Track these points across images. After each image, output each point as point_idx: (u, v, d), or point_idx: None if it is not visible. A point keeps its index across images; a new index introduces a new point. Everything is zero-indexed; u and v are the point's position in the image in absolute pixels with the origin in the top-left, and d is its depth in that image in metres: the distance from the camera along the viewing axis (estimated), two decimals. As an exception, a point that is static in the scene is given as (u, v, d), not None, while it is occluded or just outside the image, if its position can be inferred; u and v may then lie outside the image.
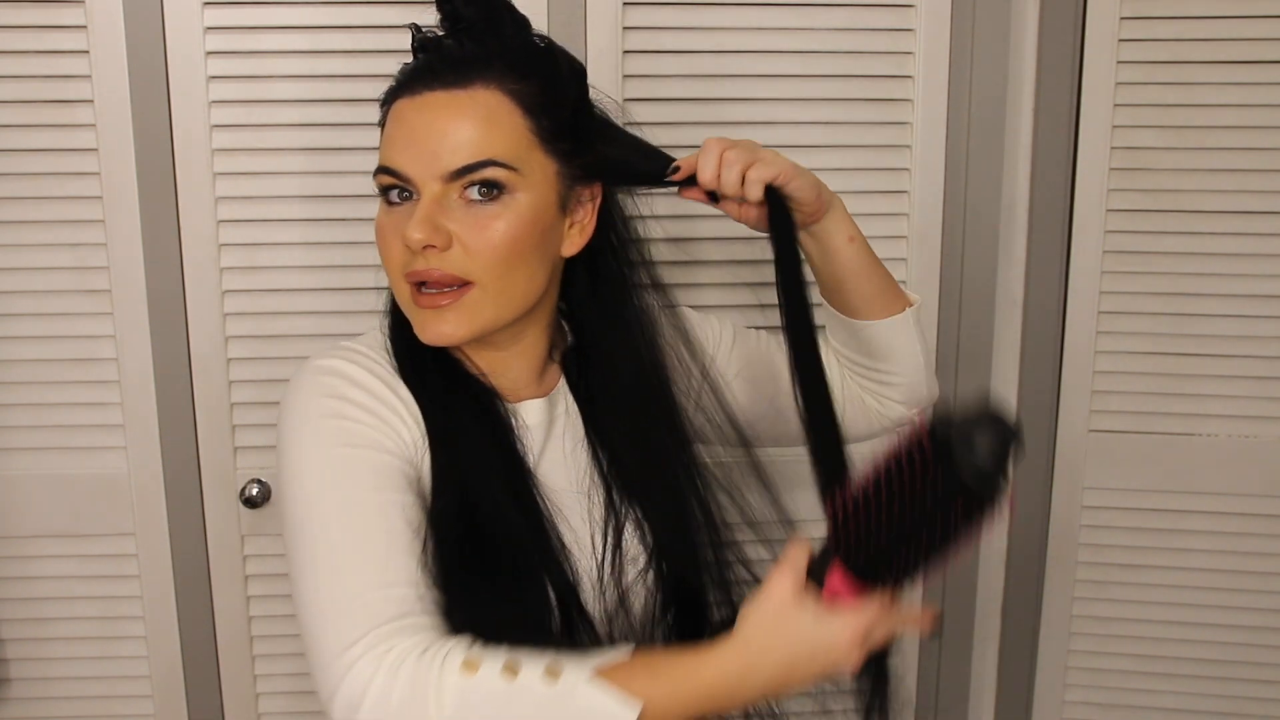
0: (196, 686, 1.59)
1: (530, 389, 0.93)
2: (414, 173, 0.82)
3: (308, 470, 0.80)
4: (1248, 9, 1.45)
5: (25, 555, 1.53)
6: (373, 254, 1.45)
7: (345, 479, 0.79)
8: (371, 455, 0.81)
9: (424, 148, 0.81)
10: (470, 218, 0.82)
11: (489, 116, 0.81)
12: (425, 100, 0.82)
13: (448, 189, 0.82)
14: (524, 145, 0.83)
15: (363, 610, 0.74)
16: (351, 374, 0.85)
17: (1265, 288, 1.52)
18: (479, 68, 0.82)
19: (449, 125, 0.81)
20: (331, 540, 0.77)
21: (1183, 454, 1.57)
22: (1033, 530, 1.63)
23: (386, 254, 0.86)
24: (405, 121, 0.83)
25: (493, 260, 0.82)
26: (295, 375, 0.86)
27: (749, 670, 0.76)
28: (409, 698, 0.70)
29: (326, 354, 0.87)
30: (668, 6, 1.44)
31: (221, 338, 1.47)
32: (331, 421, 0.81)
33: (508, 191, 0.82)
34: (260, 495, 1.51)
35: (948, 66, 1.48)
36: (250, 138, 1.43)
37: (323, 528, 0.78)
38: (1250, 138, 1.48)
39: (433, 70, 0.82)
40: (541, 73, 0.85)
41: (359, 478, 0.79)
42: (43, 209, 1.44)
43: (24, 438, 1.50)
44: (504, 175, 0.82)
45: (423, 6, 1.40)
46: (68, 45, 1.39)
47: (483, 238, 0.82)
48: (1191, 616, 1.62)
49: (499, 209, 0.82)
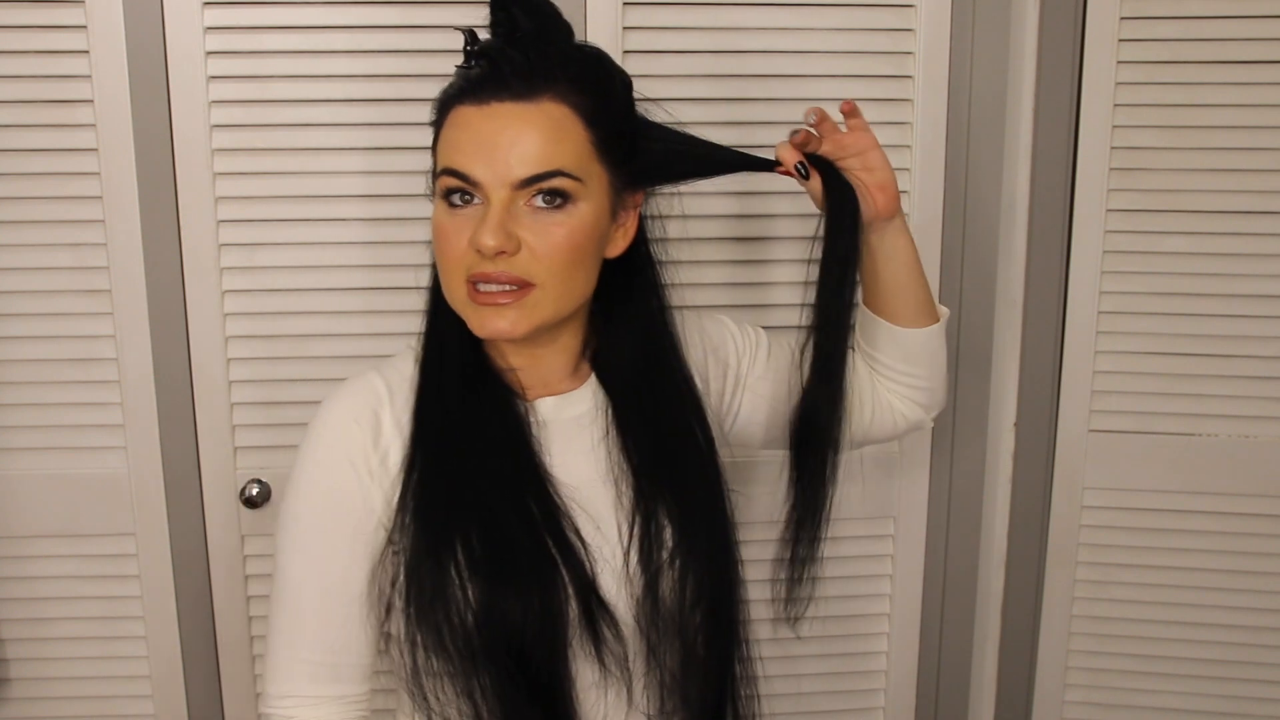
0: (196, 686, 1.59)
1: (565, 383, 0.98)
2: (484, 179, 0.85)
3: (299, 509, 0.92)
4: (1248, 9, 1.45)
5: (25, 555, 1.53)
6: (372, 254, 1.47)
7: (323, 540, 0.91)
8: (354, 520, 0.91)
9: (494, 156, 0.85)
10: (537, 224, 0.86)
11: (556, 128, 0.86)
12: (494, 110, 0.85)
13: (516, 196, 0.86)
14: (586, 156, 0.87)
15: (294, 670, 0.91)
16: (356, 416, 0.93)
17: (1265, 288, 1.52)
18: (545, 80, 0.86)
19: (519, 135, 0.85)
20: (297, 589, 0.91)
21: (1183, 454, 1.57)
22: (1033, 530, 1.63)
23: (448, 253, 0.89)
24: (474, 129, 0.86)
25: (557, 264, 0.87)
26: (326, 402, 0.94)
27: None
28: None
29: (342, 397, 0.94)
30: (668, 6, 1.44)
31: (221, 338, 1.47)
32: (314, 485, 0.92)
33: (572, 200, 0.87)
34: (260, 495, 1.51)
35: (948, 66, 1.48)
36: (250, 138, 1.43)
37: (291, 578, 0.92)
38: (1250, 138, 1.48)
39: (500, 79, 0.86)
40: (598, 85, 0.89)
41: (336, 543, 0.91)
42: (43, 209, 1.44)
43: (24, 438, 1.50)
44: (570, 185, 0.86)
45: (423, 7, 1.41)
46: (68, 45, 1.39)
47: (549, 243, 0.86)
48: (1191, 616, 1.62)
49: (563, 217, 0.87)
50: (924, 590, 1.65)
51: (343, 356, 1.48)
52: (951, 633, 1.69)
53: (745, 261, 1.51)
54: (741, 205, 1.50)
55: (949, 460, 1.63)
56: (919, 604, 1.65)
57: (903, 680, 1.67)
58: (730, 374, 1.09)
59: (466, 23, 1.41)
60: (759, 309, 1.52)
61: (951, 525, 1.65)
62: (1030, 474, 1.61)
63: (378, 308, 1.48)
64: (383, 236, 1.46)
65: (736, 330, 1.12)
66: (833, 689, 1.68)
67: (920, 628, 1.66)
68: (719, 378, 1.08)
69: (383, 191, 1.45)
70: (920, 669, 1.68)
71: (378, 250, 1.47)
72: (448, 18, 1.41)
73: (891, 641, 1.66)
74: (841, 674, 1.67)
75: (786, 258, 1.51)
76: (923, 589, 1.64)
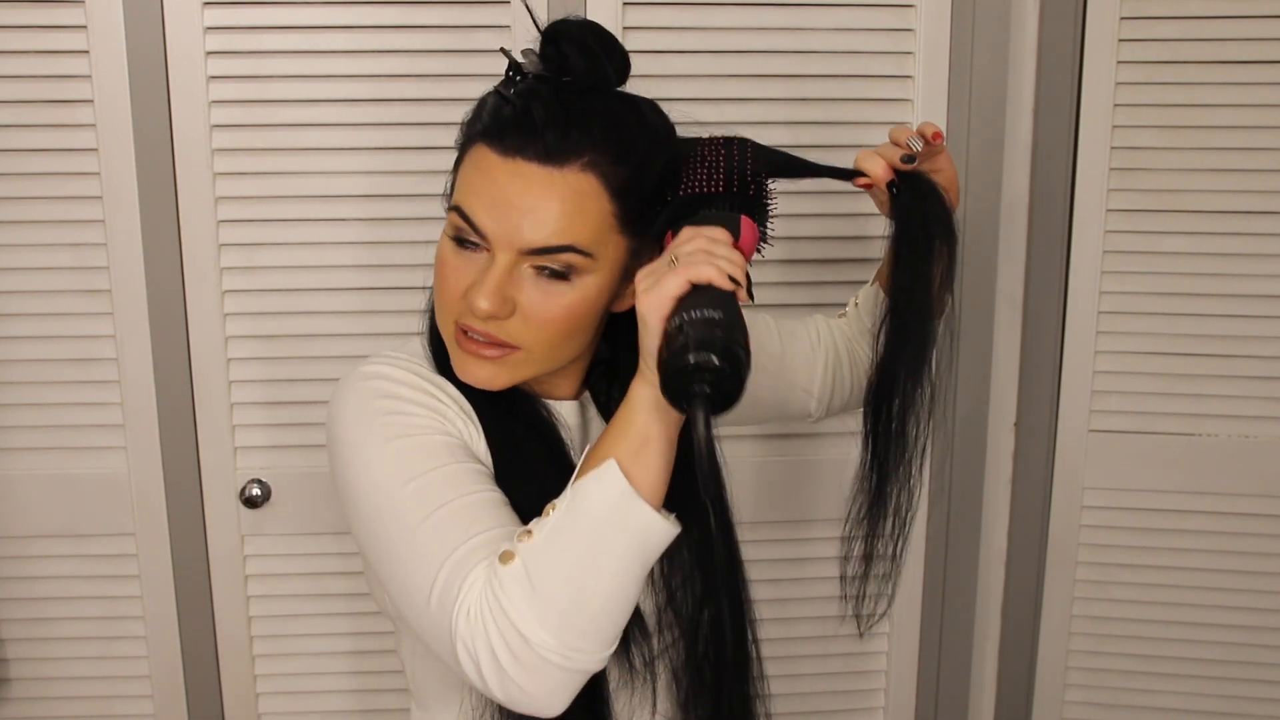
0: (196, 686, 1.59)
1: (576, 391, 0.96)
2: (493, 235, 0.82)
3: (374, 464, 0.82)
4: (1248, 9, 1.45)
5: (25, 555, 1.53)
6: (372, 254, 1.47)
7: (408, 466, 0.81)
8: (428, 439, 0.83)
9: (509, 216, 0.81)
10: (537, 291, 0.82)
11: (578, 202, 0.81)
12: (518, 168, 0.81)
13: (521, 260, 0.82)
14: (604, 230, 0.83)
15: (454, 568, 0.76)
16: (398, 375, 0.87)
17: (1265, 288, 1.52)
18: (577, 147, 0.81)
19: (538, 203, 0.80)
20: (410, 524, 0.79)
21: (1183, 454, 1.57)
22: (1033, 530, 1.63)
23: (444, 291, 0.86)
24: (492, 179, 0.82)
25: (548, 335, 0.84)
26: (342, 382, 0.88)
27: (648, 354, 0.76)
28: (488, 614, 0.73)
29: (370, 361, 0.89)
30: (668, 6, 1.44)
31: (221, 338, 1.47)
32: (386, 418, 0.84)
33: (578, 273, 0.83)
34: (260, 495, 1.51)
35: (948, 66, 1.48)
36: (250, 138, 1.43)
37: (398, 515, 0.80)
38: (1250, 138, 1.48)
39: (531, 131, 0.80)
40: (636, 155, 0.84)
41: (420, 462, 0.81)
42: (43, 209, 1.44)
43: (24, 438, 1.50)
44: (579, 260, 0.82)
45: (423, 7, 1.41)
46: (68, 45, 1.39)
47: (544, 314, 0.83)
48: (1191, 616, 1.62)
49: (566, 288, 0.83)
50: (924, 590, 1.65)
51: (343, 357, 1.48)
52: (951, 633, 1.69)
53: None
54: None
55: (949, 460, 1.63)
56: (919, 604, 1.65)
57: (903, 680, 1.67)
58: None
59: (467, 23, 1.42)
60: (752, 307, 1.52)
61: (951, 525, 1.65)
62: (1030, 474, 1.61)
63: (378, 308, 1.48)
64: (383, 236, 1.46)
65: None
66: (833, 689, 1.68)
67: (920, 628, 1.66)
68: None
69: (383, 191, 1.45)
70: (920, 669, 1.68)
71: (378, 250, 1.47)
72: (448, 18, 1.42)
73: (891, 641, 1.66)
74: (841, 674, 1.67)
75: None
76: (923, 589, 1.64)
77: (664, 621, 0.93)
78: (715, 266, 0.74)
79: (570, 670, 0.73)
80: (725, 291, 0.73)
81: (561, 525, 0.74)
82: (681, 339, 0.70)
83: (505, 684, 0.73)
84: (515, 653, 0.72)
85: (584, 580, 0.72)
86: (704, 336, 0.69)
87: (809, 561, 1.60)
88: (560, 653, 0.72)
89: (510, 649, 0.72)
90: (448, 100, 1.41)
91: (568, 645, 0.72)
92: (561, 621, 0.72)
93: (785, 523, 1.59)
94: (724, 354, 0.68)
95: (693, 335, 0.69)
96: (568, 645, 0.72)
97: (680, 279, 0.73)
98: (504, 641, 0.72)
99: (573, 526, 0.73)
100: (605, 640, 0.75)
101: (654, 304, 0.73)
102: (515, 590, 0.72)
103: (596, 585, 0.73)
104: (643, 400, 0.76)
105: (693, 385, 0.69)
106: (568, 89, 0.82)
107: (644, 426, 0.75)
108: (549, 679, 0.73)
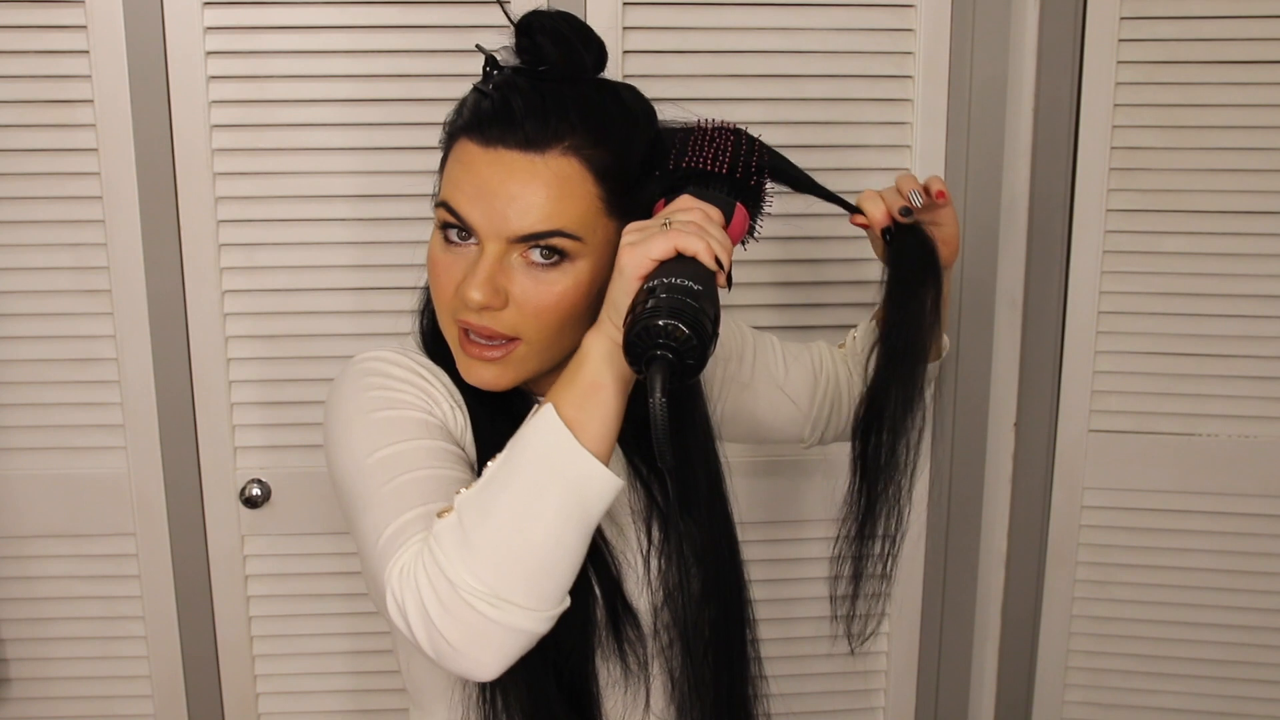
0: (196, 686, 1.59)
1: None
2: (480, 226, 0.82)
3: (355, 433, 0.83)
4: (1248, 9, 1.45)
5: (25, 555, 1.53)
6: (373, 254, 1.47)
7: (385, 435, 0.82)
8: (409, 413, 0.84)
9: (494, 206, 0.81)
10: (529, 279, 0.82)
11: (562, 186, 0.81)
12: (500, 157, 0.81)
13: (510, 249, 0.82)
14: (592, 213, 0.83)
15: (402, 526, 0.77)
16: (392, 358, 0.88)
17: (1265, 288, 1.52)
18: (558, 132, 0.81)
19: (522, 190, 0.80)
20: (375, 483, 0.80)
21: (1183, 454, 1.57)
22: (1033, 530, 1.63)
23: (440, 290, 0.86)
24: (476, 172, 0.82)
25: (544, 323, 0.84)
26: (339, 374, 0.89)
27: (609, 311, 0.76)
28: (419, 563, 0.72)
29: (366, 352, 0.90)
30: (668, 6, 1.44)
31: (221, 338, 1.47)
32: (373, 394, 0.85)
33: (569, 258, 0.83)
34: (260, 495, 1.51)
35: (948, 66, 1.48)
36: (250, 138, 1.43)
37: (367, 476, 0.81)
38: (1250, 138, 1.48)
39: (511, 121, 0.81)
40: (616, 137, 0.84)
41: (397, 432, 0.82)
42: (43, 209, 1.44)
43: (24, 438, 1.50)
44: (569, 245, 0.82)
45: (423, 7, 1.41)
46: (68, 45, 1.39)
47: (538, 302, 0.83)
48: (1191, 616, 1.62)
49: (558, 275, 0.83)
50: (924, 590, 1.65)
51: (343, 357, 1.47)
52: (951, 633, 1.69)
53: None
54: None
55: (949, 460, 1.63)
56: (919, 604, 1.65)
57: (903, 680, 1.67)
58: (719, 369, 1.09)
59: (466, 23, 1.42)
60: (751, 309, 1.52)
61: (951, 525, 1.65)
62: (1030, 474, 1.61)
63: (377, 308, 1.48)
64: (384, 237, 1.46)
65: (733, 327, 1.10)
66: (833, 689, 1.68)
67: (920, 628, 1.66)
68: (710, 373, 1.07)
69: (384, 192, 1.45)
70: (920, 669, 1.68)
71: (378, 250, 1.47)
72: (448, 18, 1.42)
73: (891, 641, 1.66)
74: (841, 674, 1.67)
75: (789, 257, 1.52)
76: (923, 589, 1.64)
77: (660, 621, 0.93)
78: (706, 242, 0.73)
79: (502, 625, 0.70)
80: (707, 270, 0.73)
81: (497, 473, 0.73)
82: (655, 301, 0.69)
83: (431, 634, 0.71)
84: (441, 597, 0.70)
85: (517, 527, 0.70)
86: (678, 304, 0.69)
87: (809, 561, 1.60)
88: (487, 599, 0.69)
89: (437, 594, 0.70)
90: (448, 100, 1.38)
91: (496, 593, 0.69)
92: (492, 569, 0.70)
93: (785, 523, 1.59)
94: (693, 325, 0.68)
95: (666, 300, 0.69)
96: (496, 593, 0.69)
97: (668, 243, 0.73)
98: (431, 587, 0.70)
99: (508, 472, 0.72)
100: (544, 597, 0.72)
101: (635, 259, 0.73)
102: (447, 537, 0.71)
103: (531, 534, 0.70)
104: (595, 349, 0.75)
105: (656, 348, 0.68)
106: (545, 78, 0.83)
107: (593, 374, 0.75)
108: (477, 630, 0.70)
